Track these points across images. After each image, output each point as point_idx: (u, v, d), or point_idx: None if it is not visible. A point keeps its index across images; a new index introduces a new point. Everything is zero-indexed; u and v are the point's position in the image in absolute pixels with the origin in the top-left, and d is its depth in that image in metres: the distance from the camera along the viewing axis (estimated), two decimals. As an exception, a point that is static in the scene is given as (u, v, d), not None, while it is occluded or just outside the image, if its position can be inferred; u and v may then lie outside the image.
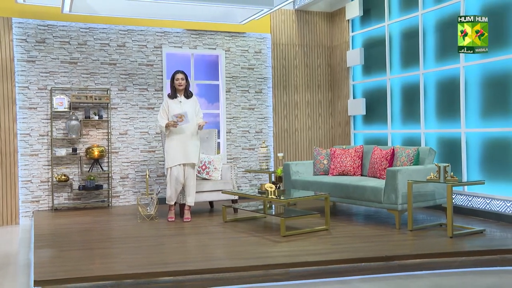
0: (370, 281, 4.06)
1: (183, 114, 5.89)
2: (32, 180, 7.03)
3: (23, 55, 7.01)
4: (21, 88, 7.00)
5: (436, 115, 6.61)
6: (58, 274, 3.85)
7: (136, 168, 7.52)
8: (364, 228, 5.49)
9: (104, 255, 4.58)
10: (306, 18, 8.54)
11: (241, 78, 8.16)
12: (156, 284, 3.85)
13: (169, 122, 5.97)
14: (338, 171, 6.55)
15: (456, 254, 4.33)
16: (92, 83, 7.33)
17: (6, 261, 4.98)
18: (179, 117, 5.89)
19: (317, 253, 4.41)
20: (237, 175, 8.06)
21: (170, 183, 6.09)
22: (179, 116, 5.89)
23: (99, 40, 7.37)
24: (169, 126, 5.98)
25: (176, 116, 5.91)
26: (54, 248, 4.88)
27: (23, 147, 6.99)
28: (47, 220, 6.40)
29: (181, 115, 5.88)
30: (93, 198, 7.31)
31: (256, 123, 8.24)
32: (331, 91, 8.66)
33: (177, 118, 5.90)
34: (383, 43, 7.47)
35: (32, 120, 7.04)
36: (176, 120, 5.92)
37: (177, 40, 7.80)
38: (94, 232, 5.59)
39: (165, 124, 6.00)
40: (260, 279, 4.02)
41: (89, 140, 7.30)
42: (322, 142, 8.59)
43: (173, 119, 5.94)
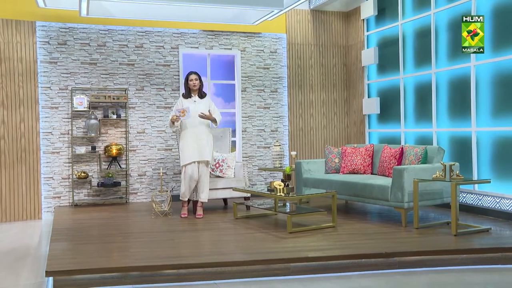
0: (369, 277, 4.14)
1: (185, 109, 6.05)
2: (53, 177, 7.33)
3: (46, 57, 7.30)
4: (44, 88, 7.30)
5: (448, 114, 6.60)
6: (68, 266, 4.05)
7: (153, 166, 7.74)
8: (371, 226, 5.55)
9: (116, 249, 4.77)
10: (321, 18, 8.62)
11: (256, 77, 8.30)
12: (160, 277, 4.01)
13: (172, 116, 6.15)
14: (348, 170, 6.61)
15: (456, 251, 4.36)
16: (111, 83, 7.58)
17: (27, 253, 5.24)
18: (181, 112, 6.06)
19: (319, 249, 4.51)
20: (252, 173, 8.19)
21: (185, 180, 6.26)
22: (181, 110, 6.05)
23: (118, 42, 7.61)
24: (172, 120, 6.16)
25: (178, 110, 6.08)
26: (70, 241, 5.11)
27: (45, 145, 7.29)
28: (67, 215, 6.66)
29: (184, 110, 6.05)
30: (111, 195, 7.57)
31: (271, 122, 8.36)
32: (346, 90, 8.71)
33: (180, 112, 6.07)
34: (396, 43, 7.49)
35: (54, 119, 7.33)
36: (179, 114, 6.08)
37: (194, 40, 7.99)
38: (110, 227, 5.81)
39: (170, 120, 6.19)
40: (262, 273, 4.15)
41: (107, 139, 7.55)
42: (337, 141, 8.65)
43: (176, 113, 6.11)
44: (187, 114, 6.05)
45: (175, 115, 6.12)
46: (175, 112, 6.14)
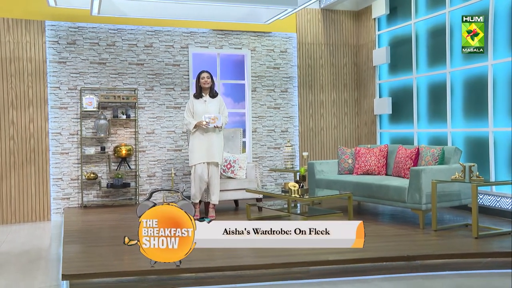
0: (391, 281, 4.06)
1: (216, 117, 6.00)
2: (62, 178, 7.25)
3: (55, 57, 7.22)
4: (53, 88, 7.22)
5: (463, 114, 6.51)
6: (85, 269, 3.98)
7: (163, 166, 7.66)
8: (388, 228, 5.46)
9: (129, 251, 4.67)
10: (332, 17, 8.53)
11: (266, 77, 8.21)
12: (179, 281, 3.93)
13: (200, 122, 6.05)
14: (362, 170, 6.52)
15: (480, 255, 4.27)
16: (120, 83, 7.50)
17: (39, 255, 5.17)
18: (212, 118, 6.00)
19: (338, 252, 4.41)
20: (262, 174, 8.11)
21: (195, 181, 6.18)
22: (212, 117, 5.99)
23: (127, 41, 7.53)
24: (200, 125, 6.06)
25: (209, 117, 6.01)
26: (82, 244, 5.03)
27: (54, 146, 7.21)
28: (76, 217, 6.58)
29: (215, 117, 6.00)
30: (120, 196, 7.49)
31: (281, 122, 8.28)
32: (357, 90, 8.62)
33: (211, 119, 6.00)
34: (409, 42, 7.40)
35: (63, 119, 7.25)
36: (209, 120, 6.01)
37: (203, 40, 7.90)
38: (121, 229, 5.72)
39: (196, 123, 6.08)
40: (281, 276, 4.07)
41: (117, 139, 7.47)
42: (347, 141, 8.56)
43: (206, 119, 6.03)
44: (218, 122, 6.03)
45: (204, 121, 6.03)
46: (204, 118, 6.04)
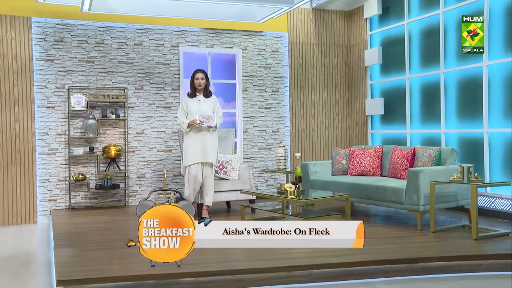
0: (394, 283, 4.00)
1: (211, 116, 5.89)
2: (49, 179, 7.04)
3: (42, 54, 7.02)
4: (39, 87, 7.01)
5: (457, 115, 6.50)
6: (80, 274, 3.82)
7: (153, 167, 7.50)
8: (385, 229, 5.41)
9: (123, 255, 4.54)
10: (323, 17, 8.47)
11: (258, 77, 8.11)
12: (178, 285, 3.81)
13: (194, 120, 5.93)
14: (357, 171, 6.47)
15: (482, 257, 4.23)
16: (109, 82, 7.32)
17: (27, 259, 4.99)
18: (206, 118, 5.88)
19: (340, 255, 4.33)
20: (254, 175, 8.00)
21: (189, 182, 6.05)
22: (206, 117, 5.88)
23: (117, 39, 7.36)
24: (193, 124, 5.94)
25: (203, 116, 5.89)
26: (73, 247, 4.86)
27: (41, 146, 7.00)
28: (64, 219, 6.39)
29: (209, 116, 5.89)
30: (109, 197, 7.31)
31: (272, 123, 8.18)
32: (349, 91, 8.58)
33: (204, 118, 5.89)
34: (402, 42, 7.37)
35: (50, 119, 7.05)
36: (203, 119, 5.90)
37: (194, 39, 7.77)
38: (112, 232, 5.57)
39: (189, 122, 5.95)
40: (283, 280, 3.98)
41: (106, 139, 7.29)
42: (339, 142, 8.51)
43: (200, 118, 5.91)
44: (212, 121, 5.91)
45: (198, 119, 5.90)
46: (199, 117, 5.91)
